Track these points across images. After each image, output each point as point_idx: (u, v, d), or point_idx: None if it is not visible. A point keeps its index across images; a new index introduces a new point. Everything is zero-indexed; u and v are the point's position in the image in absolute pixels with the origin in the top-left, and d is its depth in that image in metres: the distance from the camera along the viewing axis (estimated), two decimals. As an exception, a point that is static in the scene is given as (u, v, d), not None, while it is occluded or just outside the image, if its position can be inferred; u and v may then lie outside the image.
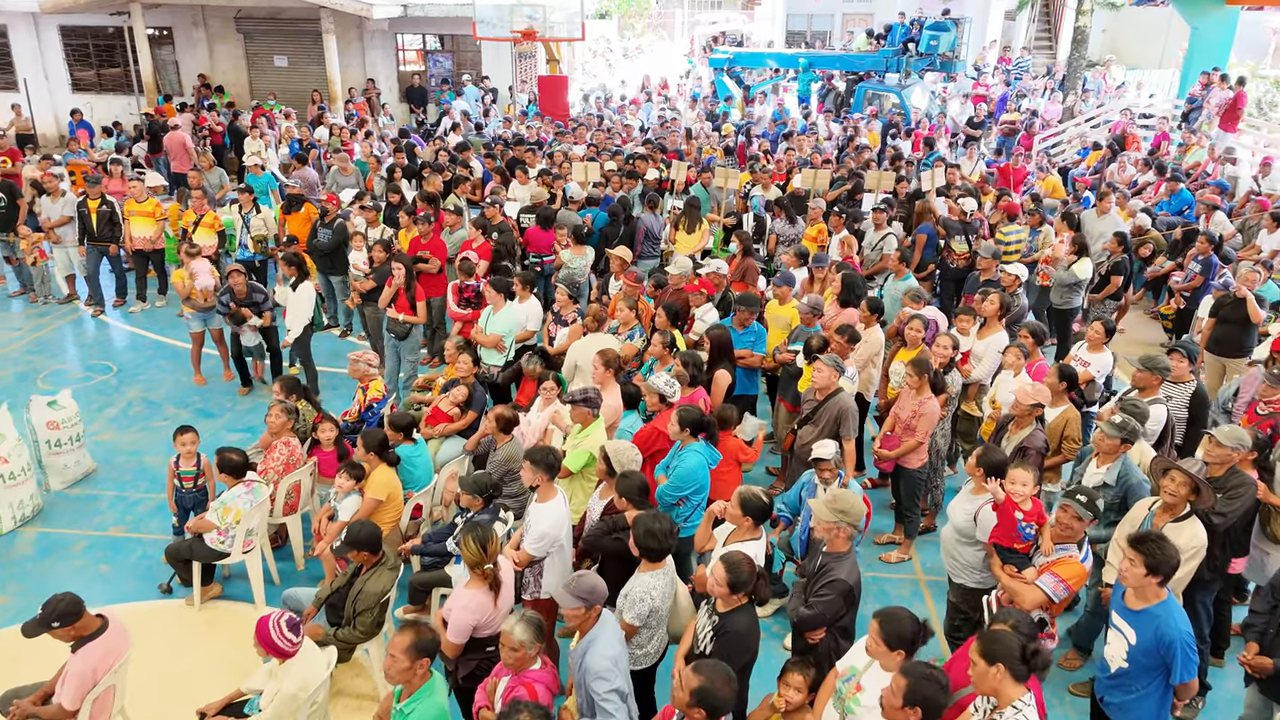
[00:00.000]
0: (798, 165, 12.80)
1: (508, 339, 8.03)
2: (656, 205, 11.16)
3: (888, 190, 11.57)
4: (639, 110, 19.44)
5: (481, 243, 9.68)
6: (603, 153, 14.61)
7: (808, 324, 7.51)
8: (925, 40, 17.82)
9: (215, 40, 21.56)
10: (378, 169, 13.50)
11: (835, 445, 5.65)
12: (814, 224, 10.96)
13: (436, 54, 22.59)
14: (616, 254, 8.91)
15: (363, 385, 7.39)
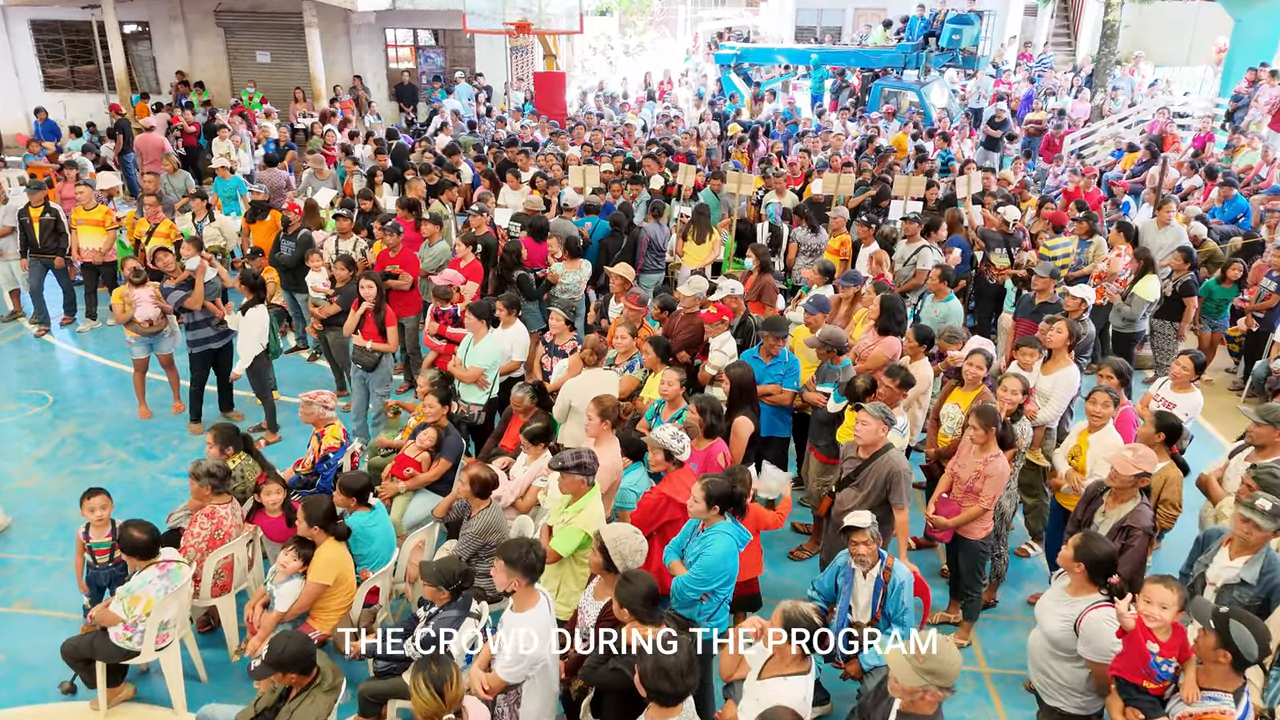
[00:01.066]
0: (816, 168, 11.65)
1: (490, 373, 6.89)
2: (661, 213, 10.03)
3: (918, 197, 10.43)
4: (641, 109, 18.30)
5: (470, 261, 8.54)
6: (601, 154, 13.47)
7: (830, 360, 6.35)
8: (947, 34, 16.67)
9: (194, 35, 20.44)
10: (354, 171, 12.36)
11: (871, 516, 4.52)
12: (837, 234, 9.83)
13: (428, 50, 21.45)
14: (617, 272, 7.77)
15: (317, 431, 6.26)
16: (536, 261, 9.25)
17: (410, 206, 9.99)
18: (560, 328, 7.00)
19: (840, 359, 6.27)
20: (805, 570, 6.30)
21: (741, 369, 6.04)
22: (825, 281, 8.18)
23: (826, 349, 6.24)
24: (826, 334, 6.28)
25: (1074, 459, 5.55)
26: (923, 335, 6.48)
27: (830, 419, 6.23)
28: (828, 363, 6.41)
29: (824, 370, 6.42)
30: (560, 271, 8.84)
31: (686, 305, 7.35)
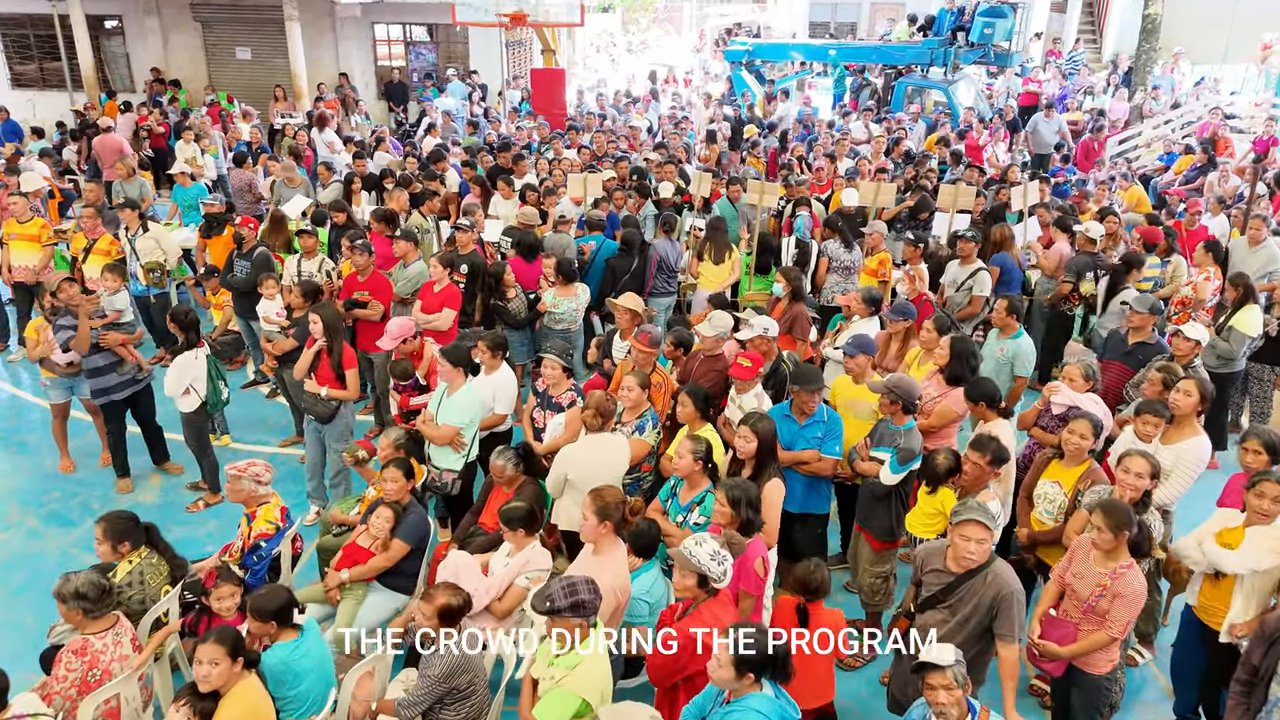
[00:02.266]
0: (845, 176, 10.35)
1: (468, 431, 5.61)
2: (673, 228, 8.75)
3: (966, 209, 9.13)
4: (647, 110, 17.01)
5: (445, 285, 7.27)
6: (603, 159, 12.19)
7: (892, 416, 5.07)
8: (978, 28, 15.38)
9: (170, 30, 19.18)
10: (328, 178, 11.09)
11: (956, 653, 3.25)
12: (873, 252, 8.54)
13: (419, 46, 20.18)
14: (624, 304, 6.48)
15: (248, 511, 4.99)
16: (529, 284, 7.99)
17: (386, 219, 8.72)
18: (556, 376, 5.72)
19: (906, 418, 4.98)
20: (858, 683, 5.03)
21: (767, 424, 4.75)
22: (869, 312, 6.90)
23: (892, 403, 4.95)
24: (896, 383, 4.98)
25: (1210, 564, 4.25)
26: (986, 394, 5.17)
27: (887, 493, 4.96)
28: (886, 421, 5.13)
29: (881, 430, 5.13)
30: (552, 300, 7.56)
31: (708, 347, 6.07)
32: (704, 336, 6.04)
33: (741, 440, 4.69)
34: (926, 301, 7.23)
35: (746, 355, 5.52)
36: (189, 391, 6.51)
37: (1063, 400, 5.70)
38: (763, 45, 18.15)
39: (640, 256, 8.44)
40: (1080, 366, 5.74)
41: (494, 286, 7.55)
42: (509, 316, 7.56)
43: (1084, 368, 5.72)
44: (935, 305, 7.22)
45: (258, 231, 8.29)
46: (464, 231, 7.79)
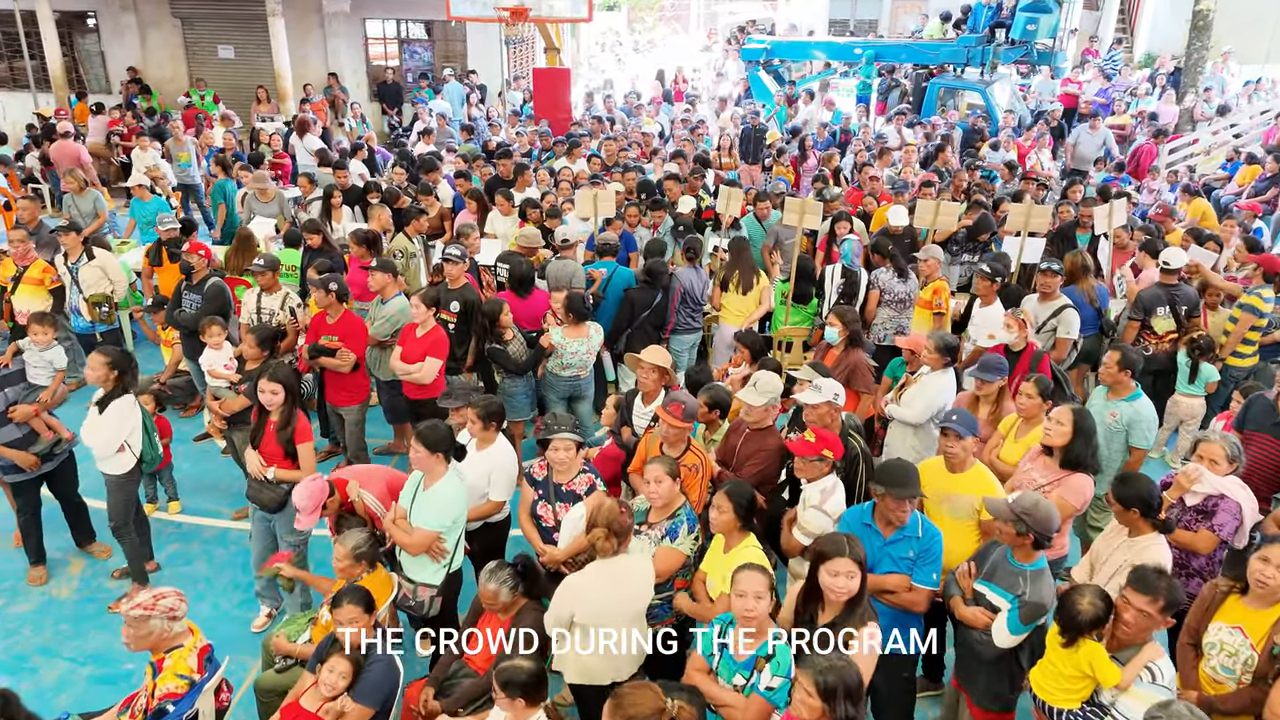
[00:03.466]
0: (893, 190, 9.08)
1: (451, 534, 4.37)
2: (698, 254, 7.50)
3: (1039, 230, 7.85)
4: (658, 113, 15.75)
5: (430, 329, 6.03)
6: (612, 169, 10.96)
7: (1016, 549, 3.78)
8: (1020, 25, 14.13)
9: (148, 27, 17.95)
10: (310, 191, 9.87)
11: None
12: (928, 282, 7.30)
13: (413, 44, 18.94)
14: (649, 361, 5.23)
15: (154, 659, 3.75)
16: (526, 323, 6.77)
17: (367, 241, 7.52)
18: (567, 461, 4.47)
19: (1036, 554, 3.70)
20: None
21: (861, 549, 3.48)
22: (943, 363, 5.65)
23: (1020, 534, 3.68)
24: (1031, 508, 3.64)
25: None
26: (1142, 497, 3.93)
27: (1001, 656, 3.70)
28: (1005, 553, 3.81)
29: (995, 562, 3.84)
30: (559, 340, 6.32)
31: (754, 418, 4.83)
32: (749, 407, 4.80)
33: (837, 577, 3.39)
34: (1030, 353, 5.97)
35: (815, 433, 4.26)
36: (124, 449, 5.29)
37: (1204, 489, 4.49)
38: (782, 44, 16.91)
39: (663, 288, 7.22)
40: (1223, 445, 4.53)
41: (489, 328, 6.31)
42: (508, 362, 6.33)
43: (1227, 446, 4.52)
44: (1055, 371, 5.95)
45: (209, 258, 7.03)
46: (454, 264, 6.54)
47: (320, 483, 4.30)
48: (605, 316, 7.27)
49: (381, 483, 4.59)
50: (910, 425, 5.70)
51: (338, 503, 4.49)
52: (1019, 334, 6.00)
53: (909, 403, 5.68)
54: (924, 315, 7.28)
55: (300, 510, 4.26)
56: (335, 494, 4.45)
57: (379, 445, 7.33)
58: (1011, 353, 6.05)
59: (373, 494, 4.53)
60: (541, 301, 6.93)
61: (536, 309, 6.91)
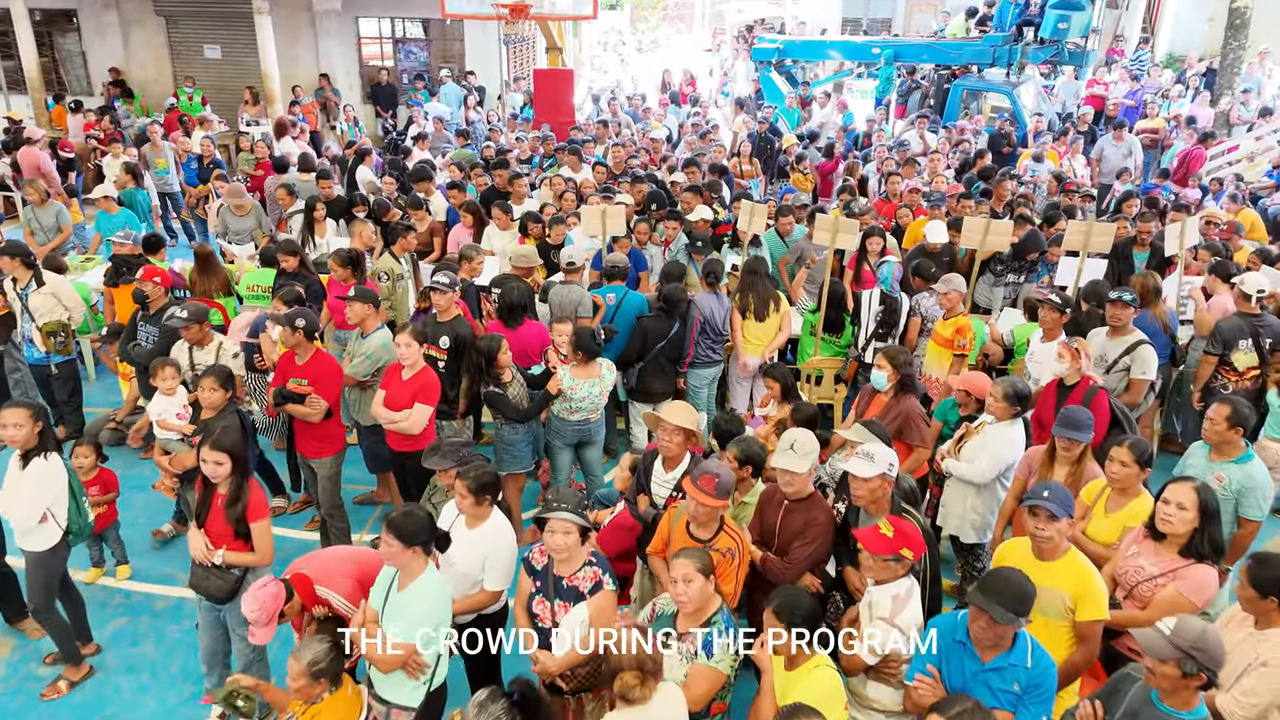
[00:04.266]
0: (932, 203, 8.26)
1: (430, 648, 3.55)
2: (719, 279, 6.68)
3: (1102, 251, 7.02)
4: (666, 115, 14.92)
5: (418, 371, 5.23)
6: (620, 177, 10.17)
7: (1171, 694, 2.90)
8: (1051, 23, 13.30)
9: (130, 25, 17.14)
10: (290, 204, 9.05)
11: None
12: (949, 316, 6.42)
13: (409, 43, 18.12)
14: (670, 422, 4.40)
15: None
16: (521, 358, 5.97)
17: (350, 262, 6.72)
18: (567, 547, 3.64)
19: (1197, 700, 2.88)
20: None
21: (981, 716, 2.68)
22: (1012, 413, 4.85)
23: (1186, 675, 2.83)
24: (1201, 643, 2.78)
25: None
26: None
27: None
28: (1154, 702, 2.93)
29: (1139, 710, 2.97)
30: (569, 384, 5.52)
31: (795, 489, 4.01)
32: (789, 474, 3.98)
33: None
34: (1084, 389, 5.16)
35: (894, 525, 3.44)
36: (46, 518, 4.48)
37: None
38: (795, 43, 16.09)
39: (681, 317, 6.41)
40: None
41: (485, 368, 5.50)
42: (508, 409, 5.51)
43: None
44: (1116, 410, 5.13)
45: (167, 284, 6.21)
46: (441, 293, 5.72)
47: (272, 588, 3.49)
48: (614, 347, 6.49)
49: (349, 577, 3.78)
50: (972, 484, 4.91)
51: (298, 606, 3.68)
52: (1073, 365, 5.20)
53: (972, 458, 4.90)
54: (942, 354, 6.41)
55: (253, 623, 3.45)
56: (294, 596, 3.64)
57: (360, 494, 6.54)
58: (1063, 386, 5.27)
59: (338, 592, 3.72)
60: (535, 334, 6.11)
61: (527, 342, 6.10)
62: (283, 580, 3.59)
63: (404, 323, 7.23)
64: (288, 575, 3.67)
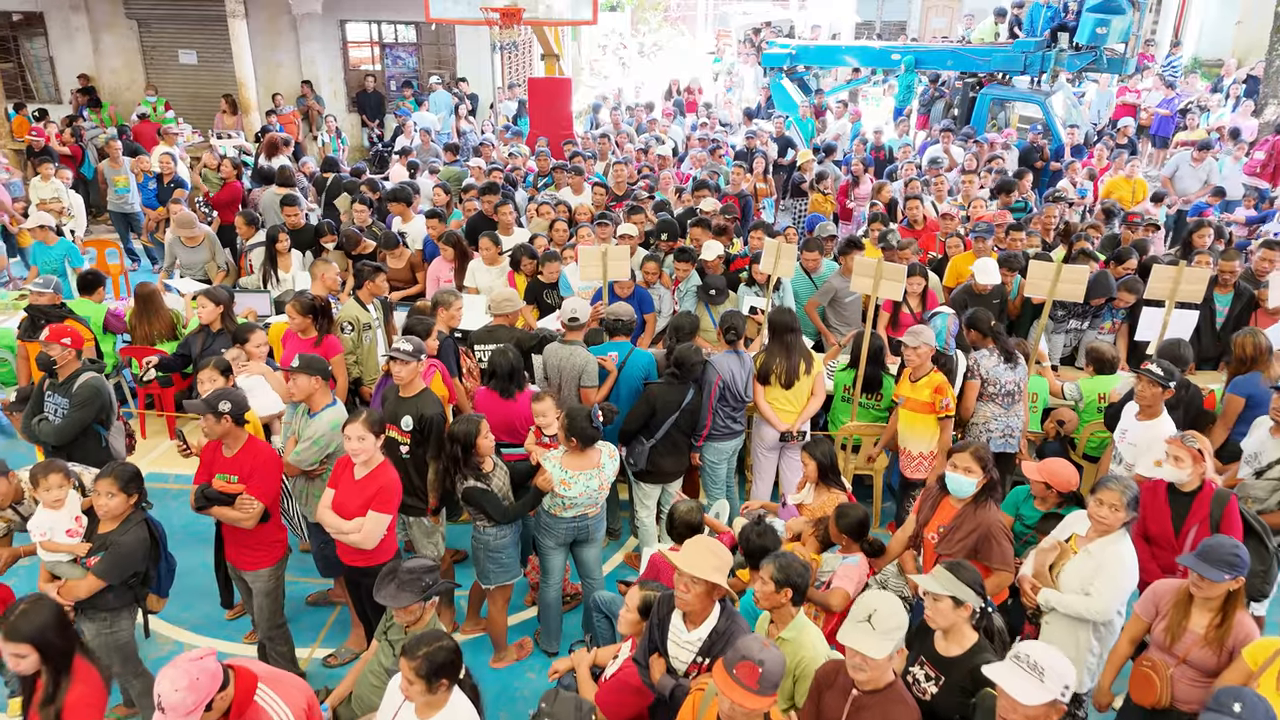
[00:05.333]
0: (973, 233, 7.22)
1: None
2: (739, 337, 5.63)
3: (1194, 299, 5.96)
4: (670, 126, 13.87)
5: (376, 466, 4.19)
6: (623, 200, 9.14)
7: None
8: (1088, 27, 12.27)
9: (101, 30, 16.10)
10: (250, 235, 8.01)
11: None
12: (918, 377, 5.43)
13: (396, 48, 17.08)
14: (687, 571, 3.31)
15: None
16: (503, 432, 4.96)
17: (312, 311, 5.70)
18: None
19: None
20: None
21: None
22: (1127, 519, 3.82)
23: None
24: None
25: None
26: None
27: None
28: None
29: None
30: (562, 476, 4.49)
31: (866, 674, 2.97)
32: (863, 658, 2.94)
33: None
34: (1207, 497, 4.14)
35: None
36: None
37: None
38: (809, 48, 15.05)
39: (696, 382, 5.38)
40: None
41: (461, 458, 4.45)
42: (492, 507, 4.47)
43: None
44: (1252, 524, 4.10)
45: (78, 345, 5.15)
46: (403, 363, 4.67)
47: (211, 664, 2.60)
48: (611, 435, 5.48)
49: (303, 693, 2.81)
50: (1085, 620, 3.86)
51: (225, 706, 2.70)
52: (1194, 470, 4.18)
53: (1081, 587, 3.84)
54: (921, 422, 5.45)
55: (168, 707, 2.51)
56: (230, 687, 2.68)
57: (313, 592, 5.51)
58: (1178, 493, 4.25)
59: (288, 703, 2.74)
60: (525, 405, 5.07)
61: (516, 415, 5.09)
62: (224, 667, 2.64)
63: (372, 379, 6.26)
64: (231, 664, 2.72)
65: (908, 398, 5.49)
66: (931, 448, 5.50)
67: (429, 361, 5.39)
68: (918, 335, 5.39)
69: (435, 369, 5.38)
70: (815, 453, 4.78)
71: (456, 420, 4.53)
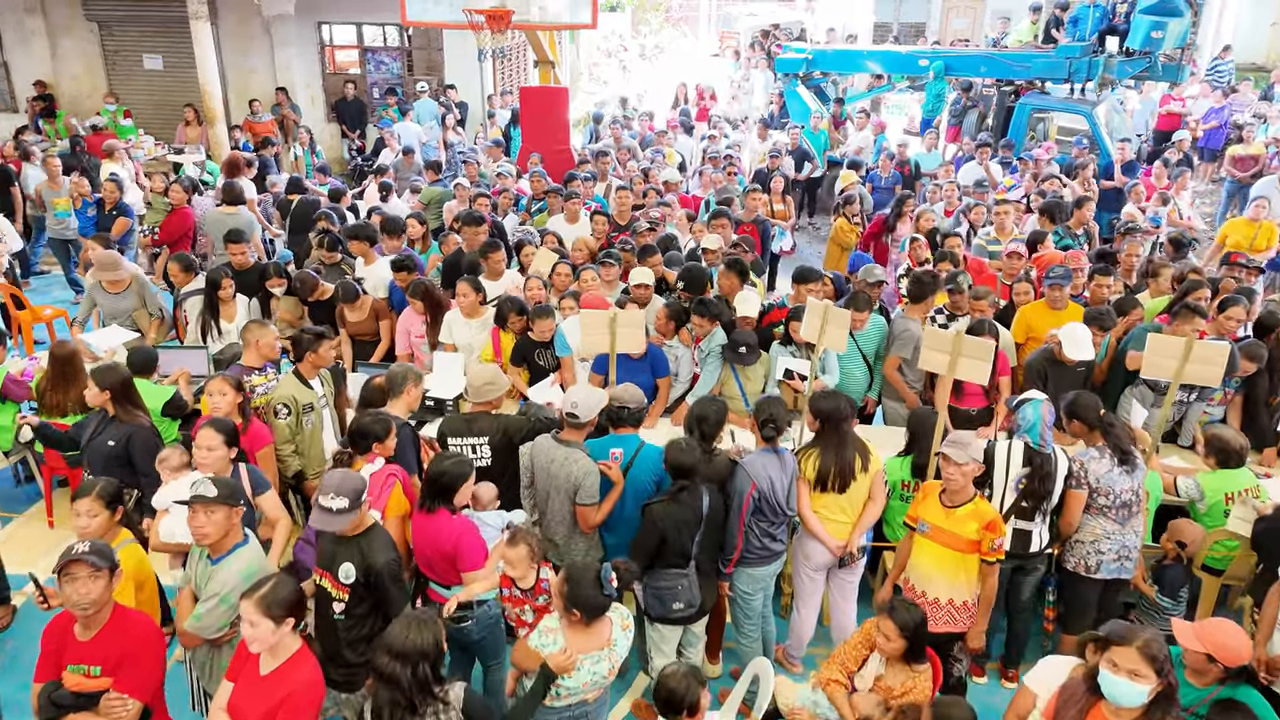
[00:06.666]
0: (1048, 279, 5.97)
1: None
2: (779, 432, 4.36)
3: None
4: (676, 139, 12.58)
5: (289, 656, 2.96)
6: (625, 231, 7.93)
7: None
8: (1142, 31, 11.04)
9: (59, 34, 14.86)
10: (186, 281, 6.76)
11: None
12: (960, 502, 4.12)
13: (378, 52, 15.82)
14: None
15: None
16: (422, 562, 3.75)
17: (240, 388, 4.51)
18: None
19: None
20: None
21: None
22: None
23: None
24: None
25: None
26: None
27: None
28: None
29: None
30: (562, 663, 3.26)
31: None
32: None
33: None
34: None
35: None
36: None
37: None
38: (826, 52, 13.81)
39: (722, 490, 4.16)
40: None
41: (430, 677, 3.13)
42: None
43: None
44: None
45: None
46: (337, 516, 3.40)
47: None
48: (620, 531, 4.28)
49: None
50: None
51: None
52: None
53: None
54: (958, 563, 4.12)
55: None
56: None
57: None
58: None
59: None
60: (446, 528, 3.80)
61: (440, 539, 3.83)
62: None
63: (316, 471, 5.04)
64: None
65: (937, 527, 4.15)
66: (968, 598, 4.20)
67: (386, 470, 4.16)
68: (964, 448, 4.02)
69: (394, 479, 4.14)
70: (905, 626, 3.50)
71: (417, 623, 3.12)
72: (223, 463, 4.13)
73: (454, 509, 3.80)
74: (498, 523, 4.17)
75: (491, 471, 4.61)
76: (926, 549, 4.20)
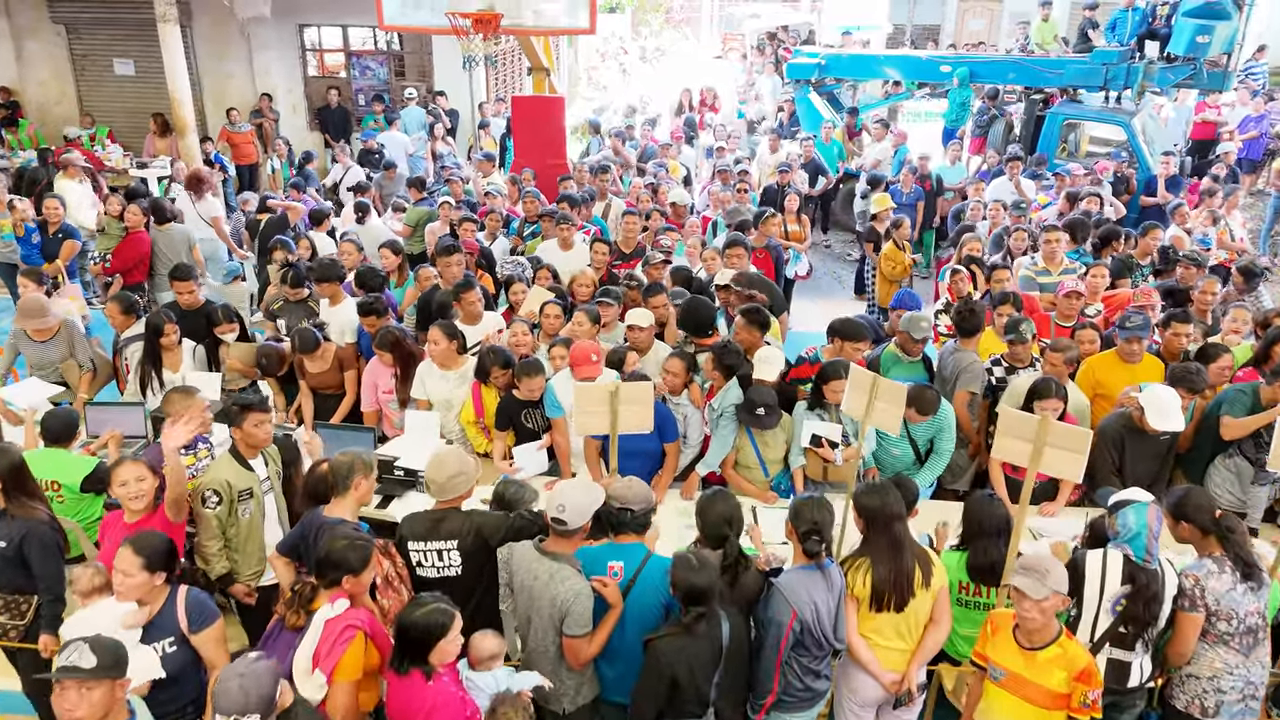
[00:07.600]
0: (1120, 329, 5.09)
1: None
2: (823, 542, 3.49)
3: None
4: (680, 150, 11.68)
5: None
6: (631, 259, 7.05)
7: None
8: (1187, 36, 10.18)
9: (24, 36, 13.99)
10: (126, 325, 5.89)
11: None
12: (1042, 643, 3.25)
13: (364, 56, 14.93)
14: None
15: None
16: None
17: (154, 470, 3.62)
18: None
19: None
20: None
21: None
22: None
23: None
24: None
25: None
26: None
27: None
28: None
29: None
30: None
31: None
32: None
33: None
34: None
35: None
36: None
37: None
38: (841, 57, 12.94)
39: (737, 616, 3.30)
40: None
41: None
42: None
43: None
44: None
45: None
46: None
47: None
48: (620, 662, 3.41)
49: None
50: None
51: None
52: None
53: None
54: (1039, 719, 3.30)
55: None
56: None
57: None
58: None
59: None
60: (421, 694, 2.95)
61: None
62: None
63: (252, 572, 4.18)
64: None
65: (1014, 675, 3.32)
66: None
67: (346, 617, 3.22)
68: (1042, 577, 3.15)
69: (355, 630, 3.19)
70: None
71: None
72: (145, 589, 3.27)
73: (429, 671, 2.94)
74: (490, 686, 3.27)
75: (462, 583, 3.73)
76: (1001, 701, 3.34)
